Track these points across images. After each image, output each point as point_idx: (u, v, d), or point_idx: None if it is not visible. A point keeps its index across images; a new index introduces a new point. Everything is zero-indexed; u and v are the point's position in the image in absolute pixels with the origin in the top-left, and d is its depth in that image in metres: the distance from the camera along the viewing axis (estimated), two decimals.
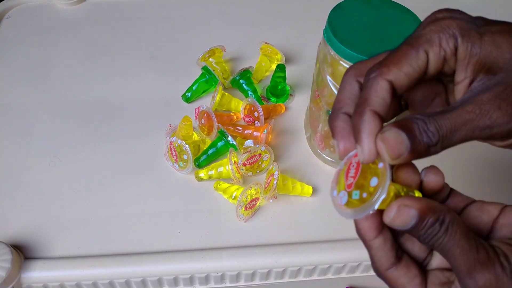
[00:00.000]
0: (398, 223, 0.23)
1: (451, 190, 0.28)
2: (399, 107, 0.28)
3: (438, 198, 0.27)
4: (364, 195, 0.23)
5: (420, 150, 0.22)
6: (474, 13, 0.24)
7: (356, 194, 0.24)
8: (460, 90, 0.24)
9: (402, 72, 0.23)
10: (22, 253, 0.43)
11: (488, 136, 0.22)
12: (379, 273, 0.26)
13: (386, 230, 0.25)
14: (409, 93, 0.27)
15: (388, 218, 0.23)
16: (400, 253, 0.26)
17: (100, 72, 0.61)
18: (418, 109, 0.28)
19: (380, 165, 0.23)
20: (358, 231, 0.26)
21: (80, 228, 0.46)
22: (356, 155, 0.25)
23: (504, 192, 0.51)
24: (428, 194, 0.26)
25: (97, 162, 0.52)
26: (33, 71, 0.61)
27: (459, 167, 0.53)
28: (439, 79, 0.27)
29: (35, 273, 0.42)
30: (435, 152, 0.22)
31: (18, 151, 0.52)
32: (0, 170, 0.51)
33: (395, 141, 0.22)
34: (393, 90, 0.24)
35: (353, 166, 0.25)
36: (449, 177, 0.54)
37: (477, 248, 0.23)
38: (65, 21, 0.68)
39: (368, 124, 0.23)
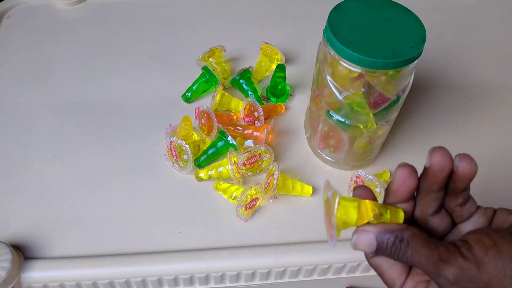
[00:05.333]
0: (361, 247, 0.27)
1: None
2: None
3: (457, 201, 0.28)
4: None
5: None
6: (474, 13, 0.24)
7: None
8: None
9: None
10: (22, 253, 0.43)
11: None
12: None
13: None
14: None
15: (351, 244, 0.27)
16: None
17: (100, 72, 0.61)
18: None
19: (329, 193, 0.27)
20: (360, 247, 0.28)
21: (80, 228, 0.46)
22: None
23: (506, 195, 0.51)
24: (458, 183, 0.27)
25: (97, 162, 0.52)
26: (33, 71, 0.61)
27: None
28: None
29: (35, 273, 0.42)
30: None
31: (18, 151, 0.52)
32: (0, 170, 0.51)
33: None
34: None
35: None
36: None
37: (437, 248, 0.26)
38: (65, 21, 0.68)
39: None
